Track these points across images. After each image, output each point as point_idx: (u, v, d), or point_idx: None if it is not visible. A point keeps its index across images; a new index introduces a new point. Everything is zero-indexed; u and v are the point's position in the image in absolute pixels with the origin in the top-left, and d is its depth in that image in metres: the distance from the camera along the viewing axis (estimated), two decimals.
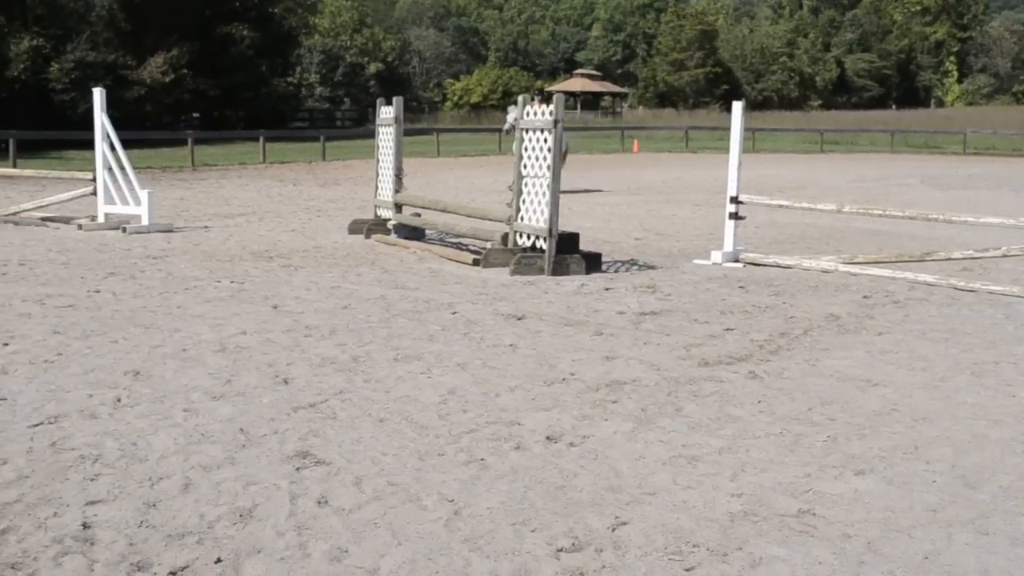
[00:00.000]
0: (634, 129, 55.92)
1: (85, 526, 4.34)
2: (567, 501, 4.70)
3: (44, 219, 16.25)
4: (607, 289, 10.65)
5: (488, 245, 12.53)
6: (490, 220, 13.20)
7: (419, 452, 5.33)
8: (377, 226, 14.98)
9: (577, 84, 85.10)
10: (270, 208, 19.54)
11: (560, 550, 4.17)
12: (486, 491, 4.80)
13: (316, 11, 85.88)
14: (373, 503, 4.64)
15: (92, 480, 4.87)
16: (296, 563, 4.04)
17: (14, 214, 16.63)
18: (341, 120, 75.26)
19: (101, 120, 15.71)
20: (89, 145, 16.71)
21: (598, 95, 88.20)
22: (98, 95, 15.95)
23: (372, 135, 15.52)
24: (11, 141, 29.28)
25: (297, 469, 5.05)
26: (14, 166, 27.01)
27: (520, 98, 15.09)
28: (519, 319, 8.93)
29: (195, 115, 55.79)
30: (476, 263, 12.13)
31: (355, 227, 15.32)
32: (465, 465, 5.15)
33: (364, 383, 6.68)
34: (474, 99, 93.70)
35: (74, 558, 4.06)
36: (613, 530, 4.38)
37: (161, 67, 50.45)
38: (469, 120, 77.12)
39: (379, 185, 15.25)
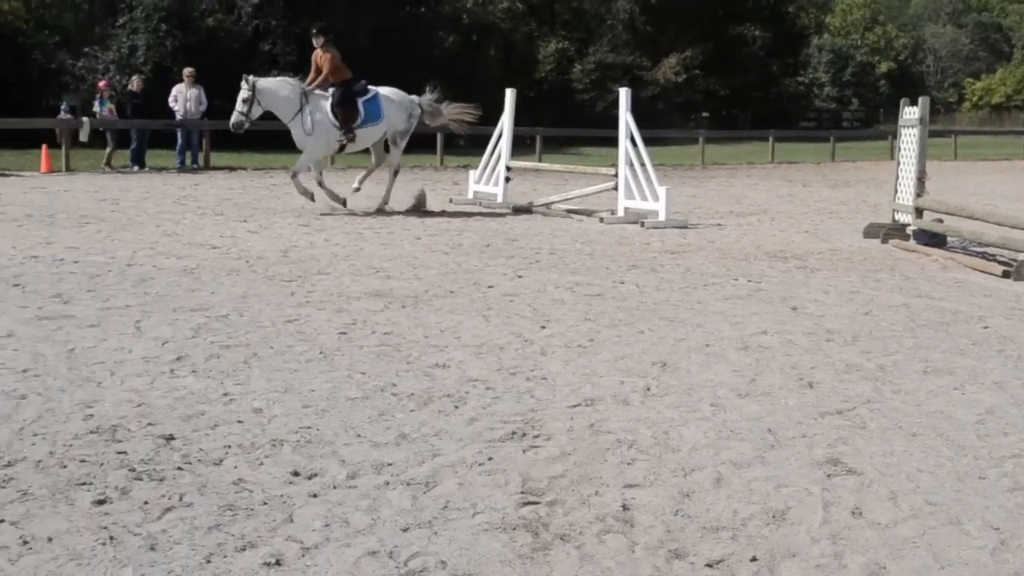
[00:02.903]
0: None
1: (624, 508, 4.53)
2: None
3: (568, 211, 17.23)
4: None
5: (1020, 256, 11.66)
6: (1022, 229, 12.29)
7: (957, 472, 5.05)
8: (895, 231, 14.43)
9: None
10: (780, 208, 19.44)
11: None
12: None
13: (829, 10, 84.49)
14: (910, 520, 4.46)
15: (628, 464, 5.07)
16: (832, 572, 3.96)
17: (546, 205, 17.78)
18: (849, 121, 73.42)
19: (626, 118, 16.39)
20: (605, 142, 17.58)
21: None
22: (624, 95, 16.65)
23: (882, 136, 15.01)
24: (537, 137, 31.43)
25: (828, 476, 4.96)
26: (539, 160, 28.94)
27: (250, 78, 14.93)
28: None
29: (704, 114, 56.84)
30: (1007, 275, 11.32)
31: (871, 231, 14.86)
32: (1010, 492, 4.81)
33: (892, 394, 6.44)
34: (996, 99, 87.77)
35: (616, 537, 4.24)
36: None
37: (674, 67, 52.09)
38: (989, 122, 72.52)
39: (898, 188, 14.71)
